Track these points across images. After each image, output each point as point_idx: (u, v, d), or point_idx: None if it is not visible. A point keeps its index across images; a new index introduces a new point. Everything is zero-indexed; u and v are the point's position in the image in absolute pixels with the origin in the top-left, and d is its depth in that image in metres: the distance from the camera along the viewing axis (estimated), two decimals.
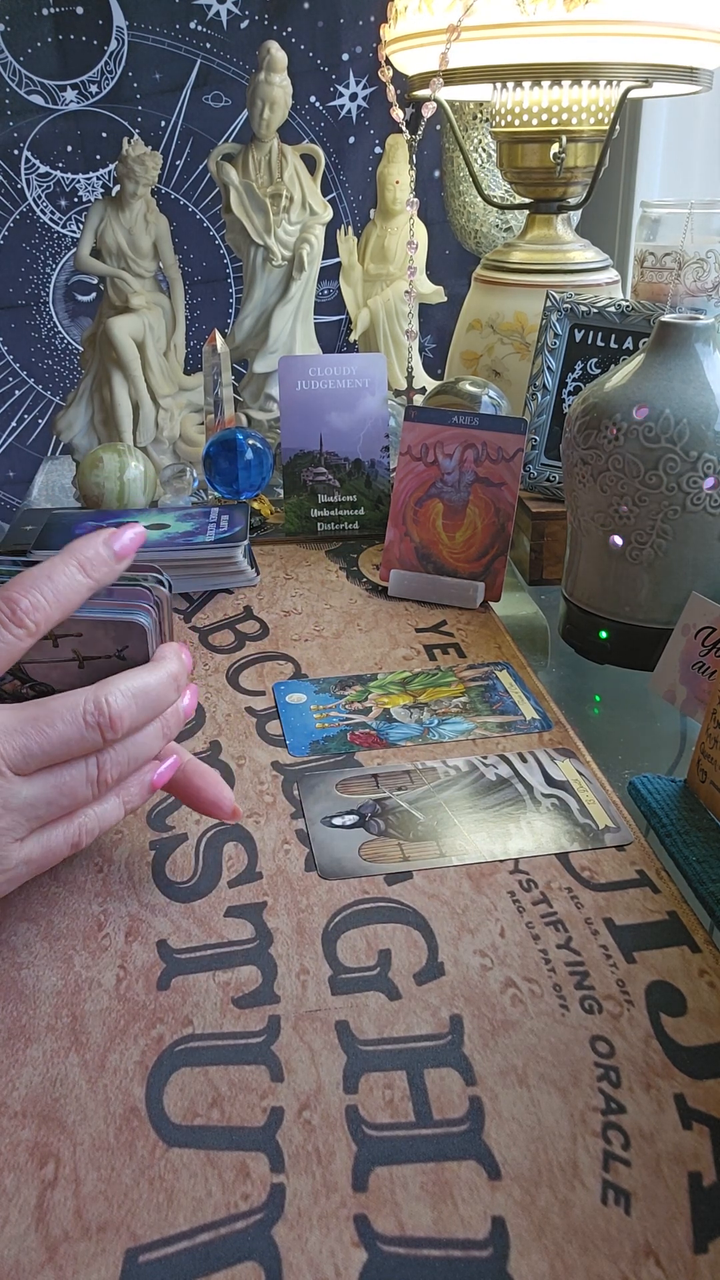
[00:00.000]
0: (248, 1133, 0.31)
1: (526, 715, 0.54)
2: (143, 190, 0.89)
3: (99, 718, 0.37)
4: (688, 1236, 0.28)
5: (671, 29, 0.76)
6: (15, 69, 1.36)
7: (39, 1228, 0.28)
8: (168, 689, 0.40)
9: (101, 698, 0.38)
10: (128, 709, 0.38)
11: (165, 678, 0.40)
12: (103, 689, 0.38)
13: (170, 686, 0.40)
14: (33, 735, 0.36)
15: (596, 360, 0.75)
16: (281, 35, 1.38)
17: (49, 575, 0.38)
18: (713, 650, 0.50)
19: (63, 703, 0.37)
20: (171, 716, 0.41)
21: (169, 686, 0.40)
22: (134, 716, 0.38)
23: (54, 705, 0.37)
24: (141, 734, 0.40)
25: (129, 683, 0.39)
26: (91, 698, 0.37)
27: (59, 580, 0.38)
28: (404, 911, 0.40)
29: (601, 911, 0.40)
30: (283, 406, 0.77)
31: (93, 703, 0.37)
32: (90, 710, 0.37)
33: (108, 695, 0.38)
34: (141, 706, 0.39)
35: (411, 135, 0.88)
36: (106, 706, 0.37)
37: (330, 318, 1.46)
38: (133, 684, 0.39)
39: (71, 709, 0.37)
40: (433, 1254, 0.28)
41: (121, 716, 0.38)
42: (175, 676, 0.41)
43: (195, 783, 0.43)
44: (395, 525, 0.70)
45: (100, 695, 0.38)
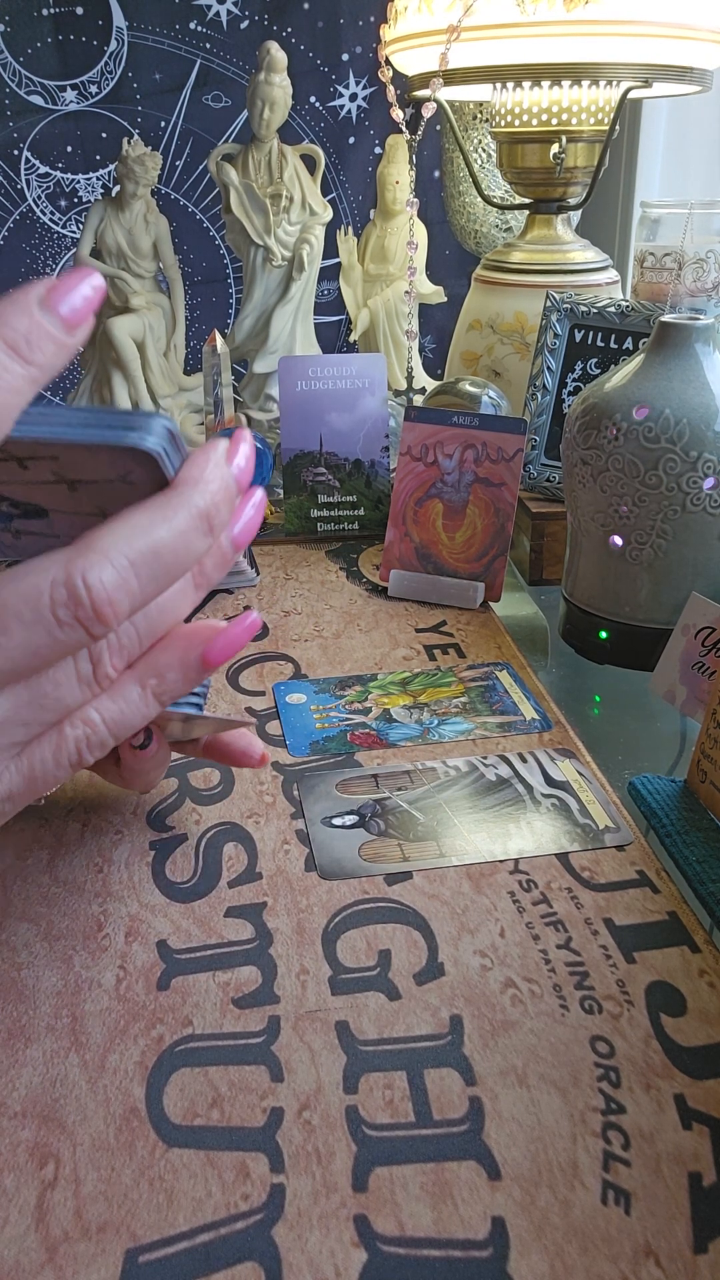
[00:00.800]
0: (248, 1133, 0.31)
1: (526, 715, 0.54)
2: (143, 190, 0.89)
3: (75, 609, 0.25)
4: (688, 1236, 0.28)
5: (671, 29, 0.76)
6: (15, 69, 1.36)
7: (39, 1228, 0.28)
8: (193, 539, 0.27)
9: (77, 575, 0.25)
10: (124, 587, 0.26)
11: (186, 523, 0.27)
12: (80, 559, 0.25)
13: (197, 533, 0.27)
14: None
15: (596, 360, 0.75)
16: (281, 35, 1.38)
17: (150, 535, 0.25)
18: (713, 650, 0.50)
19: (18, 589, 0.25)
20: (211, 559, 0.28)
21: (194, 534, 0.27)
22: (136, 595, 0.26)
23: (5, 596, 0.25)
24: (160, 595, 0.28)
25: (124, 543, 0.26)
26: (62, 577, 0.25)
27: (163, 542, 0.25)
28: (404, 912, 0.40)
29: (601, 912, 0.40)
30: (283, 407, 0.77)
31: (64, 586, 0.25)
32: (61, 598, 0.25)
33: (86, 570, 0.25)
34: (149, 578, 0.26)
35: (411, 135, 0.88)
36: (85, 590, 0.25)
37: (330, 318, 1.46)
38: (134, 544, 0.26)
39: (32, 600, 0.25)
40: (433, 1254, 0.28)
41: (113, 600, 0.25)
42: (204, 514, 0.27)
43: (222, 736, 0.38)
44: (395, 525, 0.70)
45: (75, 571, 0.25)
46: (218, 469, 0.28)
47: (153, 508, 0.26)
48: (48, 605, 0.25)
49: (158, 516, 0.26)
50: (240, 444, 0.29)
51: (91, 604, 0.25)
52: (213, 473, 0.28)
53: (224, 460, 0.28)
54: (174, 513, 0.26)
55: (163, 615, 0.28)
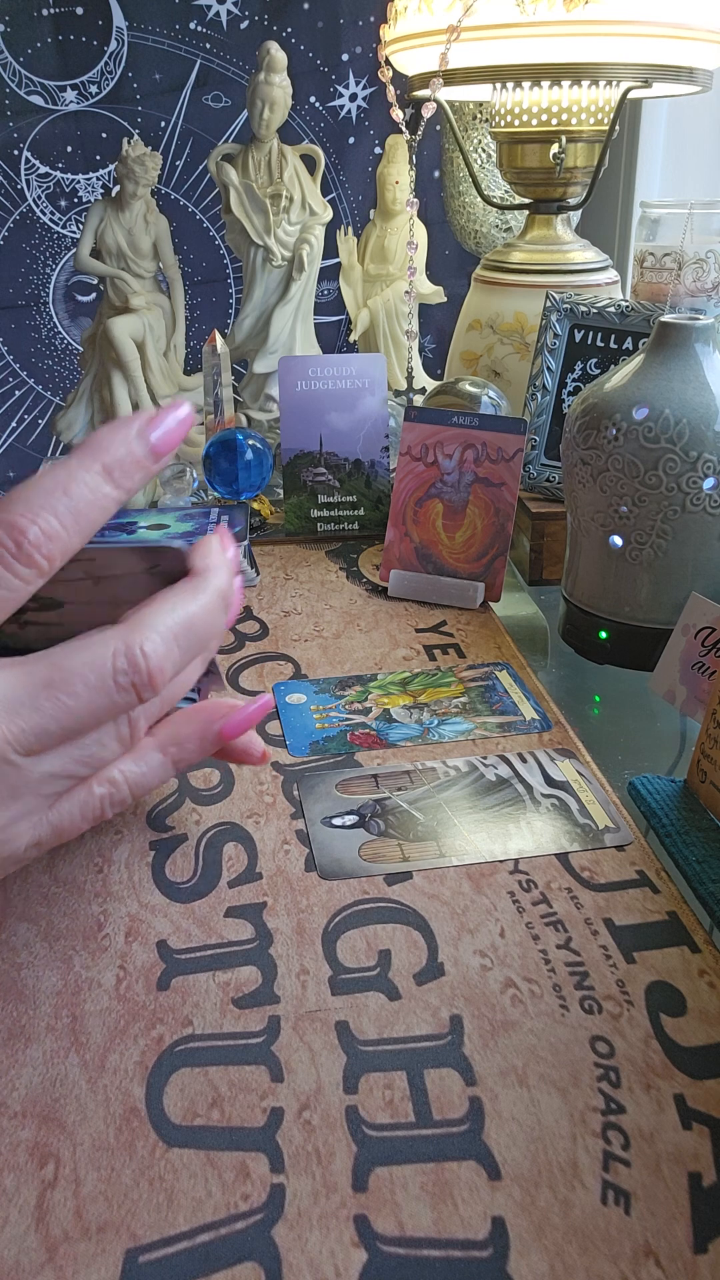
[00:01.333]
0: (248, 1133, 0.31)
1: (526, 715, 0.54)
2: (142, 190, 0.90)
3: (134, 675, 0.28)
4: (688, 1236, 0.28)
5: (671, 29, 0.76)
6: (15, 69, 1.36)
7: (39, 1228, 0.28)
8: (216, 615, 0.31)
9: (136, 647, 0.29)
10: (169, 656, 0.29)
11: (213, 601, 0.31)
12: (136, 633, 0.29)
13: (219, 610, 0.31)
14: (48, 710, 0.28)
15: (596, 360, 0.75)
16: (281, 35, 1.38)
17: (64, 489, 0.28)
18: (713, 650, 0.50)
19: (84, 659, 0.28)
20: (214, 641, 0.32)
21: (217, 611, 0.31)
22: (177, 663, 0.30)
23: (72, 664, 0.28)
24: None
25: (169, 618, 0.30)
26: (123, 648, 0.29)
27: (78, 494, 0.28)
28: (404, 912, 0.40)
29: (601, 912, 0.40)
30: (283, 407, 0.77)
31: (125, 656, 0.28)
32: (123, 667, 0.28)
33: (144, 642, 0.29)
34: (187, 648, 0.30)
35: (411, 135, 0.88)
36: (144, 659, 0.29)
37: (330, 318, 1.46)
38: (174, 619, 0.30)
39: (97, 667, 0.28)
40: (433, 1254, 0.28)
41: (163, 669, 0.29)
42: (224, 594, 0.32)
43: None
44: (395, 525, 0.70)
45: (134, 643, 0.29)
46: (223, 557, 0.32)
47: (185, 590, 0.31)
48: (110, 672, 0.28)
49: (189, 596, 0.31)
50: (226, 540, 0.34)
51: (148, 671, 0.29)
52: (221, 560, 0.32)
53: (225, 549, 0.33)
54: (202, 593, 0.31)
55: (181, 686, 0.32)
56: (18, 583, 0.27)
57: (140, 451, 0.29)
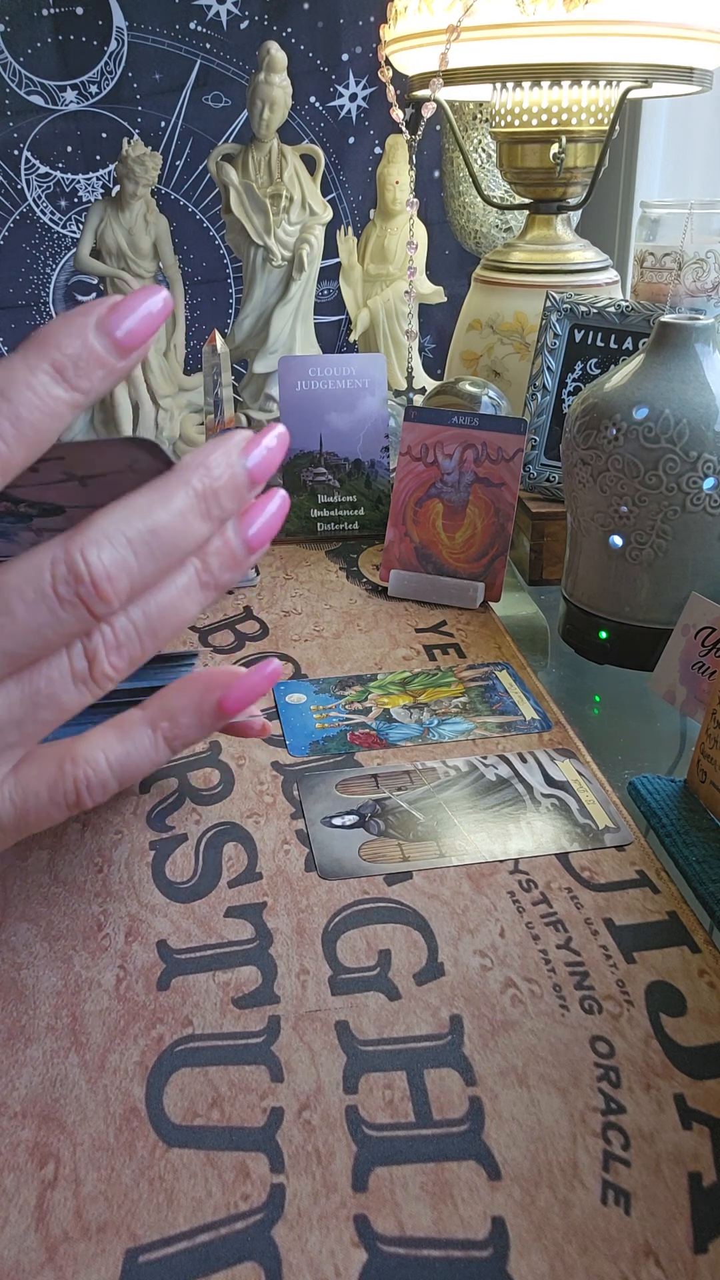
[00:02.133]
0: (248, 1133, 0.31)
1: (526, 715, 0.54)
2: (142, 190, 0.89)
3: (77, 585, 0.25)
4: (688, 1236, 0.28)
5: (671, 29, 0.76)
6: (15, 69, 1.36)
7: (39, 1228, 0.28)
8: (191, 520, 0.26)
9: (75, 551, 0.25)
10: (122, 564, 0.25)
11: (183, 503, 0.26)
12: (79, 537, 0.25)
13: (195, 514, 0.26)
14: None
15: (596, 360, 0.75)
16: (281, 35, 1.38)
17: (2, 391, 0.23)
18: (713, 650, 0.50)
19: (19, 571, 0.25)
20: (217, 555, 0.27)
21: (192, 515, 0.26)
22: (136, 573, 0.26)
23: (7, 577, 0.25)
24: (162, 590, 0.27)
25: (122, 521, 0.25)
26: (61, 555, 0.25)
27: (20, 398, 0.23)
28: (404, 912, 0.40)
29: (601, 912, 0.40)
30: (282, 406, 0.77)
31: (64, 563, 0.25)
32: (62, 574, 0.24)
33: (84, 546, 0.25)
34: (148, 556, 0.26)
35: (411, 135, 0.88)
36: (85, 566, 0.24)
37: (330, 318, 1.46)
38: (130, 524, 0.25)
39: (34, 578, 0.25)
40: (433, 1254, 0.28)
41: (112, 578, 0.25)
42: (202, 495, 0.26)
43: None
44: (395, 525, 0.70)
45: (74, 548, 0.25)
46: (225, 456, 0.27)
47: (151, 489, 0.26)
48: (49, 582, 0.24)
49: (155, 497, 0.26)
50: (265, 437, 0.28)
51: (92, 580, 0.25)
52: (219, 459, 0.27)
53: (237, 449, 0.27)
54: (171, 493, 0.26)
55: (164, 614, 0.27)
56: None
57: (100, 346, 0.24)
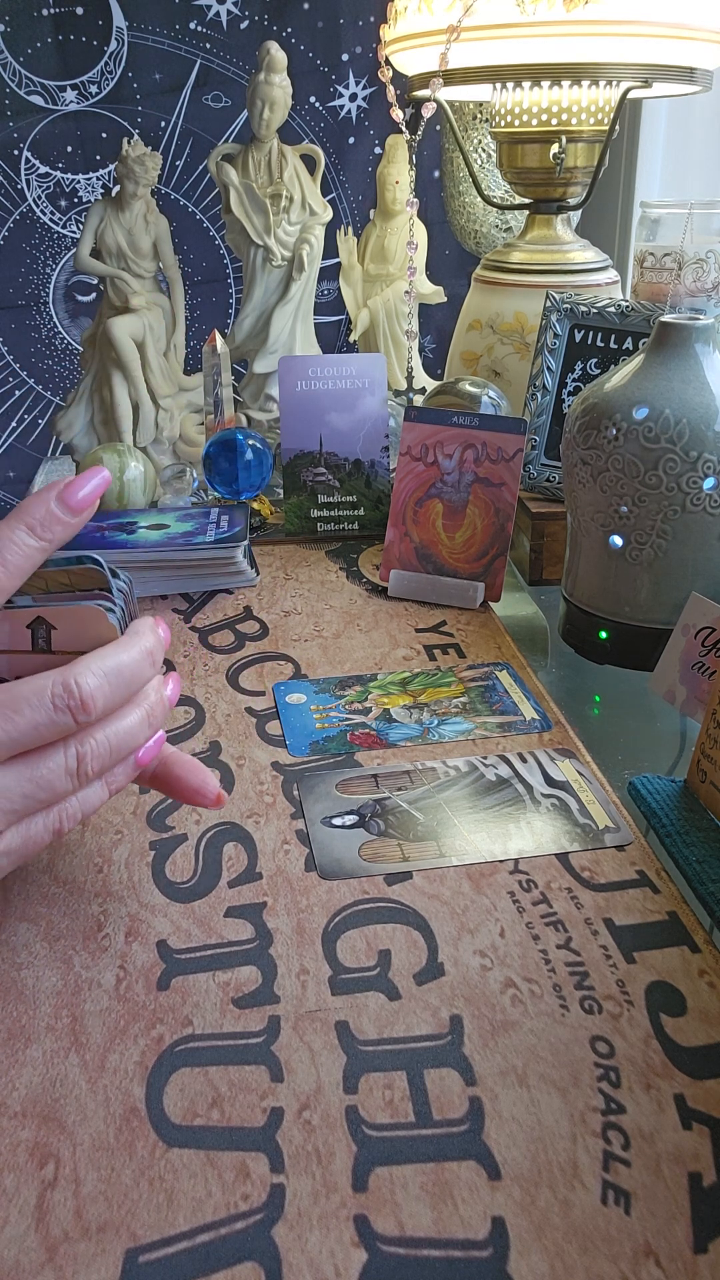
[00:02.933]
0: (248, 1133, 0.31)
1: (526, 715, 0.54)
2: (143, 190, 0.89)
3: (69, 700, 0.35)
4: (688, 1236, 0.28)
5: (671, 29, 0.76)
6: (15, 69, 1.36)
7: (39, 1228, 0.28)
8: (143, 666, 0.38)
9: (70, 679, 0.36)
10: (100, 690, 0.36)
11: (139, 654, 0.38)
12: (71, 670, 0.36)
13: (146, 663, 0.38)
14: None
15: (596, 360, 0.75)
16: (281, 35, 1.38)
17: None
18: (713, 650, 0.50)
19: (29, 685, 0.35)
20: (156, 705, 0.40)
21: (144, 663, 0.38)
22: (108, 697, 0.37)
23: (18, 690, 0.35)
24: (124, 721, 0.38)
25: (100, 662, 0.37)
26: (59, 679, 0.36)
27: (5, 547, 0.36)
28: (404, 912, 0.40)
29: (601, 911, 0.40)
30: (283, 407, 0.77)
31: (61, 684, 0.35)
32: (59, 693, 0.35)
33: (77, 676, 0.36)
34: (116, 686, 0.37)
35: (411, 135, 0.88)
36: (76, 688, 0.35)
37: (330, 318, 1.46)
38: (105, 663, 0.37)
39: (38, 693, 0.35)
40: (433, 1254, 0.28)
41: (94, 698, 0.36)
42: (150, 653, 0.39)
43: (175, 771, 0.41)
44: (395, 525, 0.70)
45: (69, 676, 0.36)
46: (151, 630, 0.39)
47: (119, 643, 0.38)
48: (49, 696, 0.35)
49: (120, 648, 0.38)
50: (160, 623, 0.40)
51: (80, 697, 0.35)
52: (148, 631, 0.39)
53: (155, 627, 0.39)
54: (130, 646, 0.38)
55: (128, 738, 0.38)
56: None
57: (59, 510, 0.36)
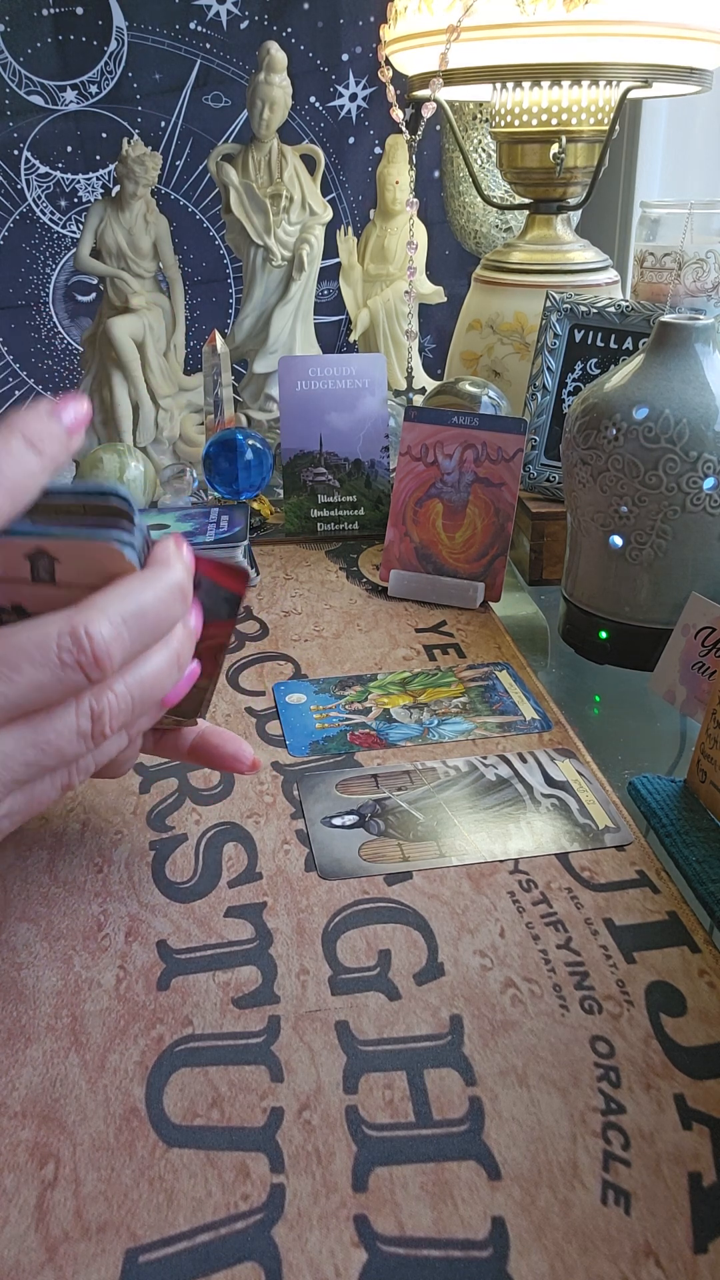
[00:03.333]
0: (248, 1133, 0.31)
1: (526, 715, 0.54)
2: (142, 190, 0.89)
3: (79, 654, 0.29)
4: (688, 1236, 0.28)
5: (671, 29, 0.76)
6: (15, 69, 1.36)
7: (39, 1228, 0.28)
8: (172, 604, 0.32)
9: (80, 626, 0.29)
10: (118, 639, 0.30)
11: (166, 591, 0.32)
12: (82, 613, 0.30)
13: (175, 600, 0.32)
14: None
15: (596, 360, 0.75)
16: (281, 35, 1.38)
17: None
18: (713, 650, 0.50)
19: (29, 636, 0.29)
20: (184, 642, 0.33)
21: (173, 601, 0.32)
22: (127, 647, 0.30)
23: (18, 640, 0.29)
24: (146, 667, 0.32)
25: (118, 604, 0.30)
26: (68, 627, 0.29)
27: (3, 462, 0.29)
28: (404, 912, 0.40)
29: (601, 912, 0.40)
30: (283, 407, 0.77)
31: (69, 634, 0.29)
32: (67, 645, 0.29)
33: (89, 623, 0.29)
34: (137, 633, 0.31)
35: (411, 135, 0.88)
36: (88, 640, 0.29)
37: (330, 318, 1.46)
38: (124, 606, 0.30)
39: (41, 644, 0.29)
40: (433, 1254, 0.28)
41: (109, 651, 0.30)
42: (179, 586, 0.32)
43: (211, 740, 0.39)
44: (395, 525, 0.70)
45: (79, 623, 0.29)
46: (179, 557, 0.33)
47: (140, 578, 0.31)
48: (54, 650, 0.29)
49: (144, 584, 0.31)
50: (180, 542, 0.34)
51: (92, 651, 0.29)
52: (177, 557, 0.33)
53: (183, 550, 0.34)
54: (157, 582, 0.31)
55: (150, 688, 0.32)
56: None
57: (55, 426, 0.30)
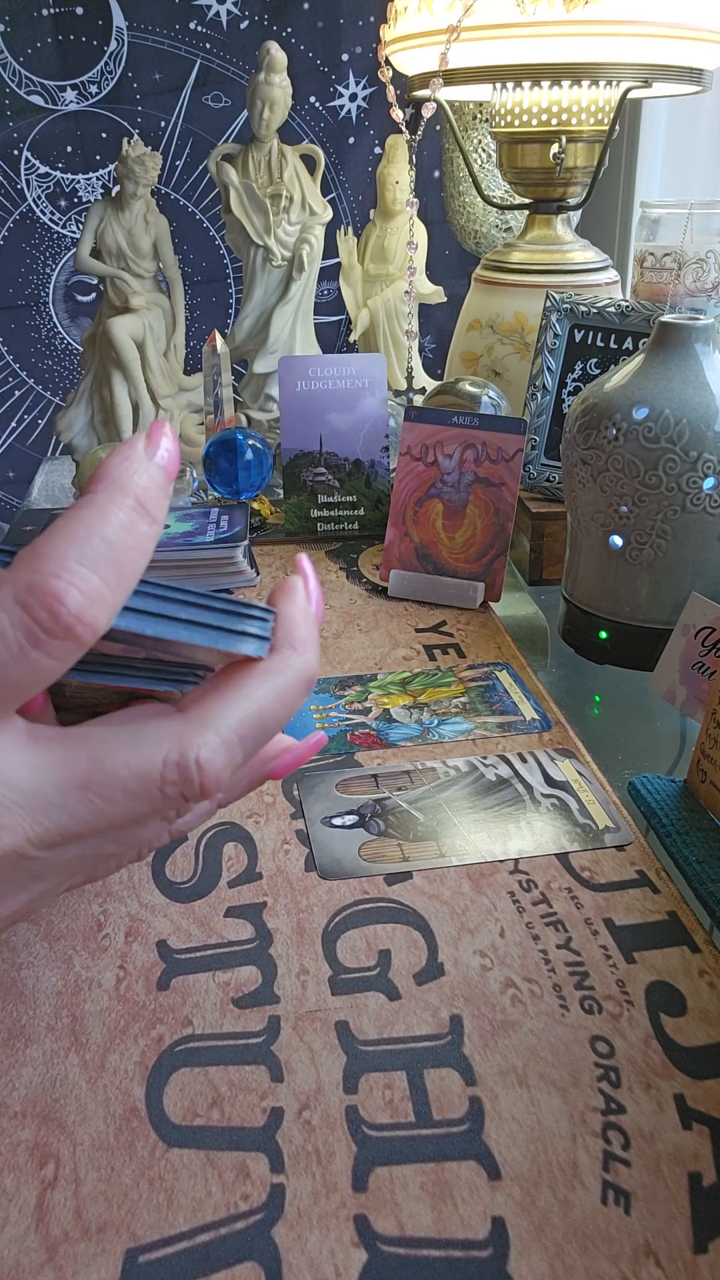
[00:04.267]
0: (248, 1133, 0.31)
1: (526, 715, 0.54)
2: (142, 190, 0.89)
3: (184, 787, 0.25)
4: (688, 1236, 0.28)
5: (671, 29, 0.76)
6: (15, 69, 1.36)
7: (39, 1228, 0.28)
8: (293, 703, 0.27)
9: (192, 755, 0.25)
10: (230, 762, 0.26)
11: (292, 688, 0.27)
12: (195, 734, 0.25)
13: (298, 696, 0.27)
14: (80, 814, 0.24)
15: (596, 360, 0.75)
16: (281, 35, 1.38)
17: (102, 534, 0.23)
18: (713, 650, 0.50)
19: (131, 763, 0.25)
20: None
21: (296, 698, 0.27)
22: (237, 766, 0.26)
23: (116, 767, 0.25)
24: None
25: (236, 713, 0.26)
26: (177, 755, 0.25)
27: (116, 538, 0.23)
28: (404, 912, 0.40)
29: (601, 912, 0.40)
30: (283, 407, 0.77)
31: (177, 766, 0.25)
32: (173, 779, 0.25)
33: (201, 749, 0.25)
34: (251, 747, 0.26)
35: (411, 135, 0.88)
36: (198, 770, 0.25)
37: (330, 318, 1.46)
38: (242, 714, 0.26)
39: (143, 775, 0.25)
40: (433, 1254, 0.28)
41: (219, 779, 0.25)
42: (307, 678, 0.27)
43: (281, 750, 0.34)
44: (395, 525, 0.70)
45: (189, 750, 0.25)
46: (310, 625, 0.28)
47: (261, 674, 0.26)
48: (158, 783, 0.25)
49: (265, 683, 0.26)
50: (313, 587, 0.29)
51: (200, 784, 0.25)
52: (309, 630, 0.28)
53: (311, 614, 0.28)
54: (280, 676, 0.26)
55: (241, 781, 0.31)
56: (51, 663, 0.22)
57: (160, 478, 0.25)
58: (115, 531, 0.23)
